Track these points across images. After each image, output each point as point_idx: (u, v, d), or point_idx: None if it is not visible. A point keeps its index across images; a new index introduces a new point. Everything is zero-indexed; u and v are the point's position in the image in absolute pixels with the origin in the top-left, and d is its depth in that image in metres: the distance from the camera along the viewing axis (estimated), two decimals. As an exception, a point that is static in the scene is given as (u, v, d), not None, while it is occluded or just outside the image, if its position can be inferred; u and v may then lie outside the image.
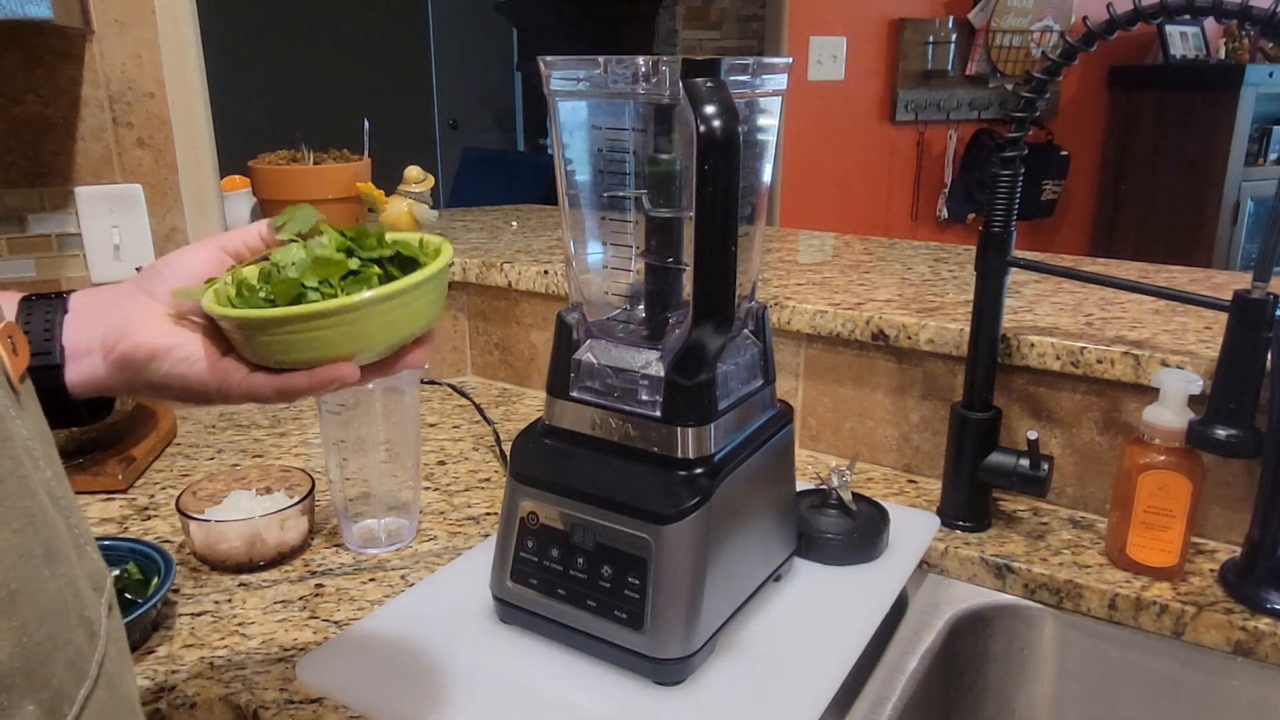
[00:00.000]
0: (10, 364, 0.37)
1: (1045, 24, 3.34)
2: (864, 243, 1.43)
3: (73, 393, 0.52)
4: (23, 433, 0.36)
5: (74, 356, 0.52)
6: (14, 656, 0.31)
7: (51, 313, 0.52)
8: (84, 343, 0.52)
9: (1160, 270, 1.18)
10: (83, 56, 1.08)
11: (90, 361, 0.52)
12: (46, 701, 0.33)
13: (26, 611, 0.32)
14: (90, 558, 0.39)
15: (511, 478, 0.71)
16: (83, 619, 0.36)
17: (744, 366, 0.72)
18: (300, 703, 0.66)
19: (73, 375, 0.52)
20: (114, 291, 0.54)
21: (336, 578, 0.82)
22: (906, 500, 0.96)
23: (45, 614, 0.33)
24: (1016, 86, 3.34)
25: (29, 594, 0.33)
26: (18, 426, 0.35)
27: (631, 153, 0.67)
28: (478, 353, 1.36)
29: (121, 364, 0.52)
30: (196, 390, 0.53)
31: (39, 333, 0.51)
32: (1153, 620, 0.78)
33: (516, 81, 5.12)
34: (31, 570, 0.33)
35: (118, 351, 0.52)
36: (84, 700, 0.34)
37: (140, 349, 0.51)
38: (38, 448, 0.37)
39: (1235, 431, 0.73)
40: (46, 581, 0.34)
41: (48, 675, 0.33)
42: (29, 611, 0.32)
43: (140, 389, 0.53)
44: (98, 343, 0.52)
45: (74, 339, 0.52)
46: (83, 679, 0.35)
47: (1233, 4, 0.67)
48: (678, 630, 0.64)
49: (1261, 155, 3.52)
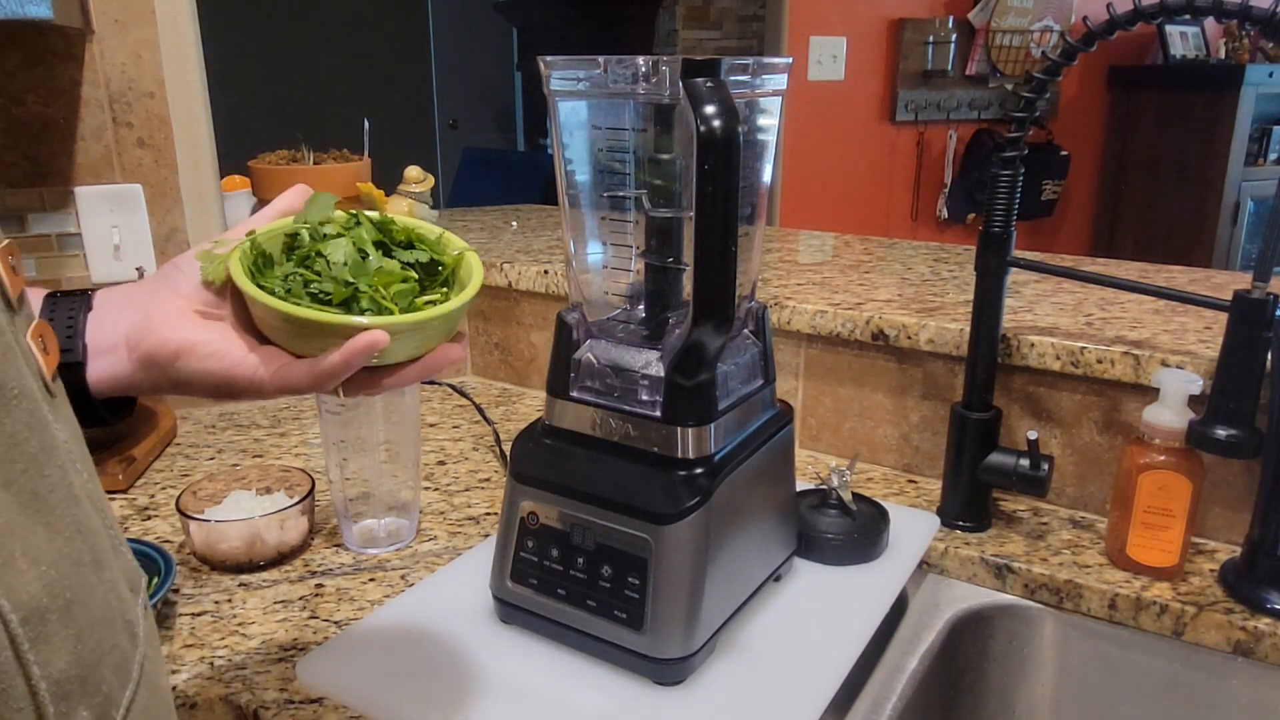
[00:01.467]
0: (44, 363, 0.37)
1: (1045, 24, 3.34)
2: (864, 243, 1.43)
3: (95, 391, 0.51)
4: (62, 436, 0.35)
5: (96, 354, 0.51)
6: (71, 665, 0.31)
7: (75, 309, 0.51)
8: (107, 340, 0.51)
9: (1160, 270, 1.18)
10: (83, 56, 1.08)
11: (113, 359, 0.51)
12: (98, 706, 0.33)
13: (80, 620, 0.33)
14: (125, 557, 0.39)
15: (511, 478, 0.71)
16: (125, 622, 0.36)
17: (744, 366, 0.72)
18: (300, 703, 0.66)
19: (95, 373, 0.51)
20: (137, 288, 0.53)
21: (336, 578, 0.82)
22: (906, 500, 0.96)
23: (96, 621, 0.34)
24: (1016, 86, 3.34)
25: (81, 602, 0.33)
26: (57, 432, 0.35)
27: (631, 153, 0.67)
28: (478, 353, 1.36)
29: (147, 362, 0.51)
30: (225, 386, 0.51)
31: (62, 329, 0.50)
32: (1153, 620, 0.78)
33: (516, 81, 5.12)
34: (83, 578, 0.33)
35: (142, 349, 0.50)
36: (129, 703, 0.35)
37: (166, 346, 0.50)
38: (75, 449, 0.36)
39: (1235, 431, 0.73)
40: (95, 588, 0.34)
41: (98, 681, 0.33)
42: (82, 620, 0.33)
43: (165, 387, 0.52)
44: (121, 340, 0.51)
45: (97, 336, 0.51)
46: (127, 682, 0.35)
47: (1233, 4, 0.67)
48: (678, 630, 0.64)
49: (1261, 155, 3.52)
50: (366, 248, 0.52)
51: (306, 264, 0.52)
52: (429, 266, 0.55)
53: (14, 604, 0.29)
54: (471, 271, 0.55)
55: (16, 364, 0.33)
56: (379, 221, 0.55)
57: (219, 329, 0.52)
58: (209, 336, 0.51)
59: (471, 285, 0.53)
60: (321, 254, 0.52)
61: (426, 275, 0.55)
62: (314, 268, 0.51)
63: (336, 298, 0.50)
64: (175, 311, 0.51)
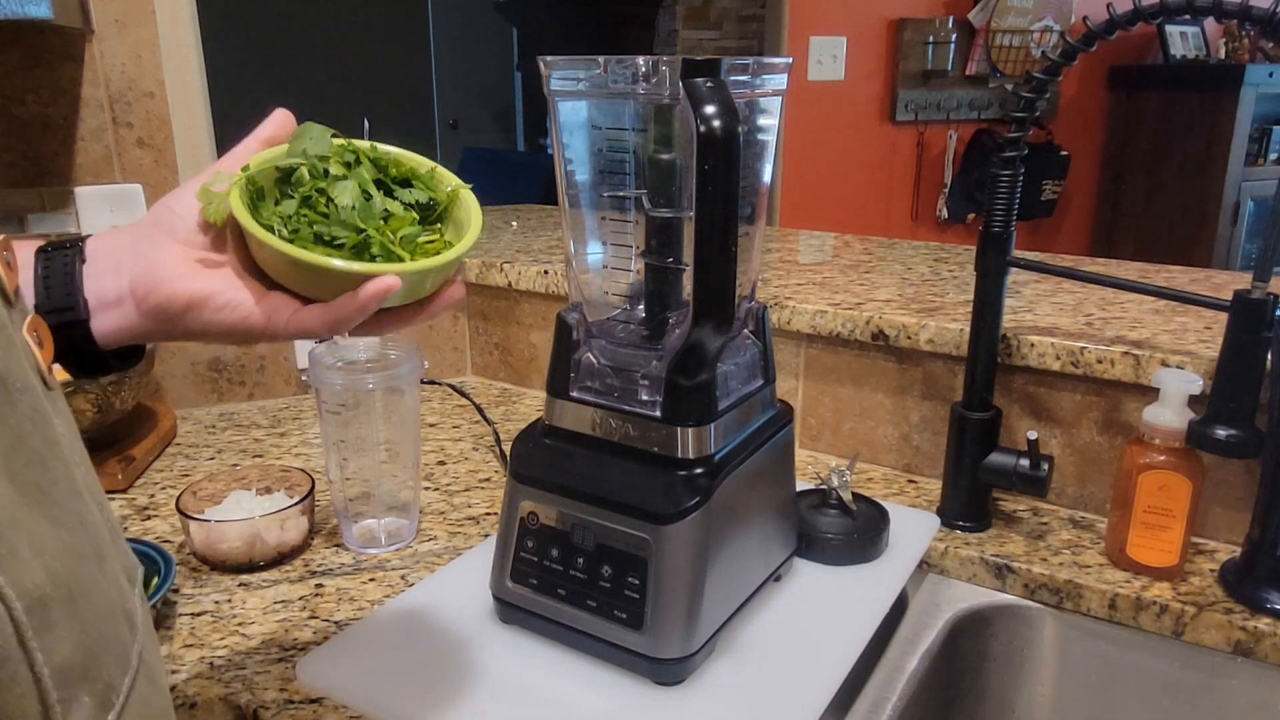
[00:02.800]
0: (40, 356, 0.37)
1: (1045, 24, 3.34)
2: (864, 243, 1.43)
3: (103, 343, 0.51)
4: (60, 430, 0.35)
5: (101, 308, 0.50)
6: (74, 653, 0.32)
7: (70, 263, 0.50)
8: (110, 292, 0.50)
9: (1160, 270, 1.18)
10: (83, 56, 1.08)
11: (121, 312, 0.51)
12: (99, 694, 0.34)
13: (83, 611, 0.33)
14: (124, 550, 0.39)
15: (511, 478, 0.71)
16: (125, 612, 0.37)
17: (744, 366, 0.72)
18: (300, 703, 0.66)
19: (102, 326, 0.50)
20: (132, 234, 0.52)
21: (336, 578, 0.82)
22: (906, 500, 0.96)
23: (98, 612, 0.34)
24: (1016, 86, 3.34)
25: (84, 594, 0.33)
26: (58, 426, 0.35)
27: (631, 153, 0.67)
28: (478, 353, 1.36)
29: (158, 315, 0.50)
30: (240, 333, 0.51)
31: (59, 285, 0.50)
32: (1153, 620, 0.78)
33: (516, 81, 5.12)
34: (86, 570, 0.34)
35: (151, 303, 0.50)
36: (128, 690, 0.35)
37: (176, 300, 0.50)
38: (73, 443, 0.37)
39: (1235, 431, 0.73)
40: (98, 580, 0.35)
41: (99, 669, 0.34)
42: (85, 610, 0.33)
43: (178, 335, 0.52)
44: (127, 292, 0.50)
45: (98, 289, 0.50)
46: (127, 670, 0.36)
47: (1233, 4, 0.67)
48: (678, 630, 0.64)
49: (1261, 155, 3.52)
50: (369, 188, 0.52)
51: (309, 204, 0.51)
52: (425, 205, 0.55)
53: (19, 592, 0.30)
54: (469, 211, 0.55)
55: (18, 358, 0.33)
56: (375, 159, 0.55)
57: (226, 277, 0.51)
58: (219, 287, 0.50)
59: (473, 227, 0.54)
60: (326, 194, 0.51)
61: (422, 213, 0.55)
62: (318, 209, 0.51)
63: (349, 244, 0.50)
64: (179, 261, 0.51)
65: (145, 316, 0.50)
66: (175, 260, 0.50)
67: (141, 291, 0.50)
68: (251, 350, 1.23)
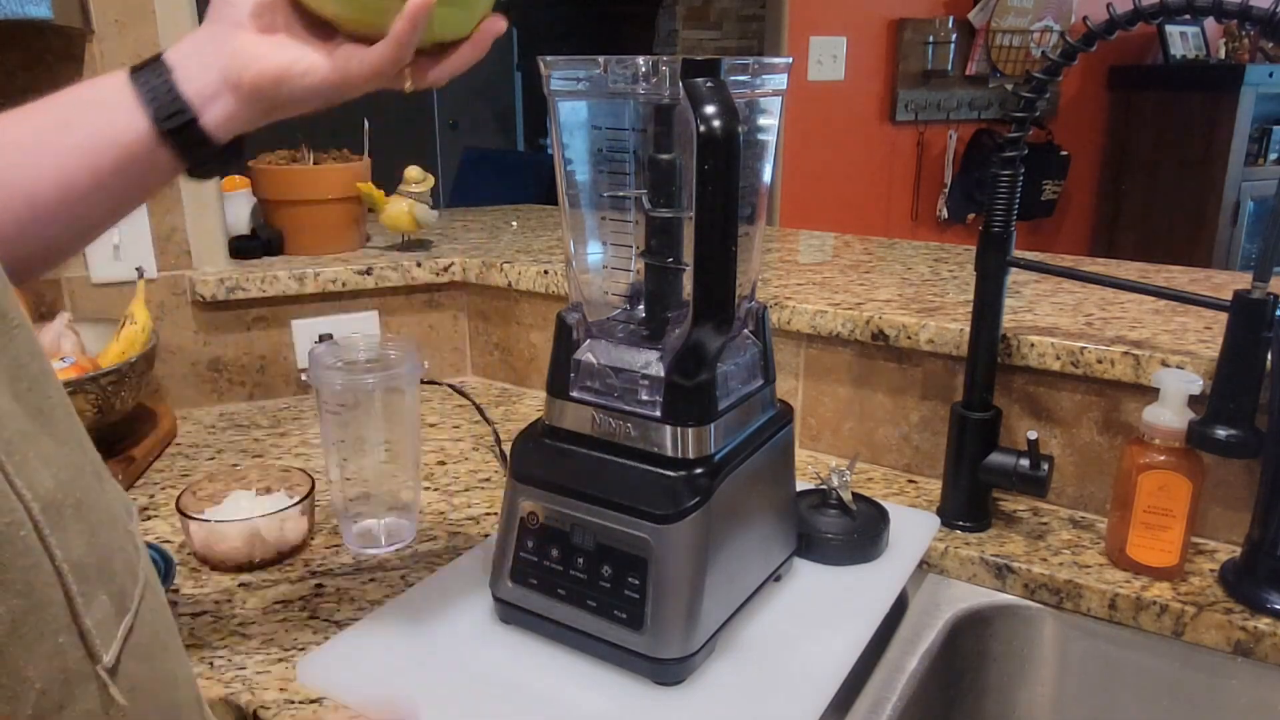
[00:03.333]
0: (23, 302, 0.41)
1: (1045, 24, 3.34)
2: (864, 243, 1.43)
3: (215, 137, 0.55)
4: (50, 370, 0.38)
5: (205, 103, 0.54)
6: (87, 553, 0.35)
7: (164, 74, 0.54)
8: (208, 88, 0.54)
9: (1160, 270, 1.18)
10: (83, 56, 1.08)
11: (223, 103, 0.55)
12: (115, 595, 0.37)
13: (90, 518, 0.36)
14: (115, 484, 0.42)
15: (511, 478, 0.71)
16: (127, 532, 0.40)
17: (744, 366, 0.72)
18: (300, 703, 0.66)
19: (212, 119, 0.55)
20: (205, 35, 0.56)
21: (336, 578, 0.82)
22: (906, 500, 0.96)
23: (103, 521, 0.37)
24: (1016, 86, 3.34)
25: (90, 503, 0.36)
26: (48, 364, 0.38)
27: (631, 153, 0.67)
28: (478, 353, 1.36)
29: (253, 96, 0.54)
30: (326, 92, 0.55)
31: (164, 94, 0.54)
32: (1153, 620, 0.78)
33: (516, 81, 5.12)
34: (88, 483, 0.37)
35: (246, 86, 0.54)
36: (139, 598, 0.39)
37: (265, 76, 0.54)
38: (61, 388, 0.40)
39: (1235, 431, 0.73)
40: (100, 495, 0.38)
41: (112, 572, 0.37)
42: (92, 518, 0.36)
43: (275, 114, 0.56)
44: (221, 83, 0.54)
45: (196, 88, 0.54)
46: (136, 581, 0.39)
47: (1233, 4, 0.67)
48: (677, 630, 0.64)
49: (1261, 155, 3.52)
50: None
51: None
52: None
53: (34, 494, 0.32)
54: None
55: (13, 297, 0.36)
56: None
57: (295, 45, 0.54)
58: (296, 54, 0.54)
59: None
60: None
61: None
62: None
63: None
64: (255, 42, 0.54)
65: (243, 102, 0.55)
66: (251, 42, 0.54)
67: (234, 78, 0.54)
68: (251, 350, 1.23)
